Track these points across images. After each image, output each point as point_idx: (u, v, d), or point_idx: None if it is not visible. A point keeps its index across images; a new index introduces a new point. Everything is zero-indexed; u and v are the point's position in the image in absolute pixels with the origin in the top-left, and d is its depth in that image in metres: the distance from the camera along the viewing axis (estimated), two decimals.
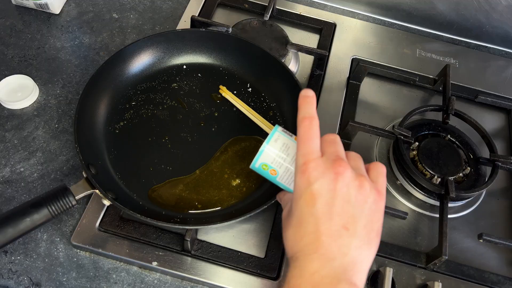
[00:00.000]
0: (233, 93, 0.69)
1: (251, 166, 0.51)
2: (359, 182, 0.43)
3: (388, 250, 0.60)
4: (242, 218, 0.54)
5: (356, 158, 0.46)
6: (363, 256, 0.42)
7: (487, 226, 0.65)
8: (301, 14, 0.83)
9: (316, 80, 0.75)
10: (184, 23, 0.80)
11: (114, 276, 0.57)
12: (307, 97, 0.46)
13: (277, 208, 0.62)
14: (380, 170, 0.46)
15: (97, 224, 0.59)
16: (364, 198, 0.43)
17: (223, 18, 0.82)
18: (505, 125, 0.76)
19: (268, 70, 0.69)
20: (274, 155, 0.49)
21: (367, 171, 0.46)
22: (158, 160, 0.63)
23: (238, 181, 0.61)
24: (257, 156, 0.49)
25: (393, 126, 0.65)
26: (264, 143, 0.49)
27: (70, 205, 0.53)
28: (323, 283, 0.40)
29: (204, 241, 0.59)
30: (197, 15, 0.79)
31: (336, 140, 0.46)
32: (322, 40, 0.81)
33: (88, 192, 0.54)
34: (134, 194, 0.60)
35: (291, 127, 0.66)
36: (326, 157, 0.44)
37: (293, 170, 0.48)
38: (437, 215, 0.62)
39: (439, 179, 0.63)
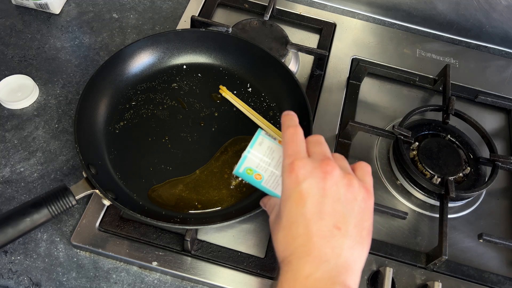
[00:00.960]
0: (233, 93, 0.69)
1: (234, 172, 0.49)
2: (348, 181, 0.42)
3: (388, 250, 0.60)
4: (242, 218, 0.54)
5: (341, 158, 0.46)
6: (355, 256, 0.41)
7: (487, 226, 0.65)
8: (301, 14, 0.83)
9: (316, 80, 0.75)
10: (184, 23, 0.80)
11: (114, 276, 0.57)
12: (288, 114, 0.47)
13: None
14: (366, 169, 0.45)
15: (97, 224, 0.59)
16: (354, 196, 0.42)
17: (223, 18, 0.82)
18: (505, 125, 0.76)
19: (268, 70, 0.69)
20: (258, 160, 0.47)
21: (353, 171, 0.45)
22: (158, 160, 0.63)
23: (238, 181, 0.61)
24: (241, 160, 0.47)
25: (393, 126, 0.65)
26: (248, 147, 0.47)
27: (70, 205, 0.53)
28: (317, 286, 0.39)
29: (204, 241, 0.59)
30: (197, 15, 0.79)
31: (321, 141, 0.46)
32: (322, 40, 0.81)
33: (88, 192, 0.54)
34: (134, 194, 0.60)
35: None
36: (313, 157, 0.43)
37: (278, 174, 0.47)
38: (437, 215, 0.63)
39: (439, 179, 0.63)
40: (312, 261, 0.40)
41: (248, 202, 0.60)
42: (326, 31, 0.82)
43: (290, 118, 0.47)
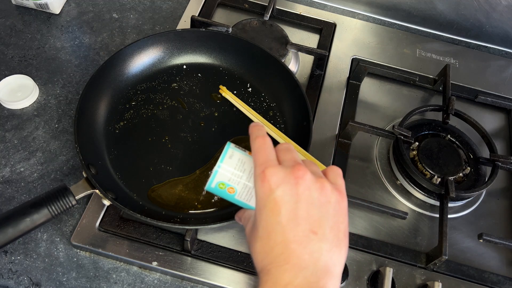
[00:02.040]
0: (233, 93, 0.69)
1: (206, 188, 0.48)
2: (320, 184, 0.42)
3: (388, 250, 0.60)
4: None
5: (311, 164, 0.45)
6: (334, 259, 0.41)
7: (487, 226, 0.65)
8: (301, 14, 0.83)
9: (316, 80, 0.75)
10: (184, 23, 0.80)
11: (114, 276, 0.57)
12: (256, 125, 0.47)
13: None
14: (337, 171, 0.45)
15: (97, 224, 0.59)
16: (327, 199, 0.42)
17: (223, 18, 0.82)
18: (505, 125, 0.76)
19: (268, 70, 0.69)
20: (229, 173, 0.46)
21: (325, 175, 0.45)
22: (158, 160, 0.63)
23: None
24: (212, 175, 0.46)
25: (393, 126, 0.65)
26: (218, 162, 0.46)
27: (70, 205, 0.53)
28: None
29: (204, 241, 0.59)
30: (197, 15, 0.79)
31: (290, 148, 0.45)
32: (322, 40, 0.81)
33: (88, 192, 0.54)
34: (134, 194, 0.60)
35: (291, 127, 0.66)
36: (284, 164, 0.43)
37: (251, 186, 0.47)
38: (437, 215, 0.63)
39: (439, 179, 0.63)
40: (291, 269, 0.40)
41: None
42: (326, 31, 0.82)
43: (258, 128, 0.46)
